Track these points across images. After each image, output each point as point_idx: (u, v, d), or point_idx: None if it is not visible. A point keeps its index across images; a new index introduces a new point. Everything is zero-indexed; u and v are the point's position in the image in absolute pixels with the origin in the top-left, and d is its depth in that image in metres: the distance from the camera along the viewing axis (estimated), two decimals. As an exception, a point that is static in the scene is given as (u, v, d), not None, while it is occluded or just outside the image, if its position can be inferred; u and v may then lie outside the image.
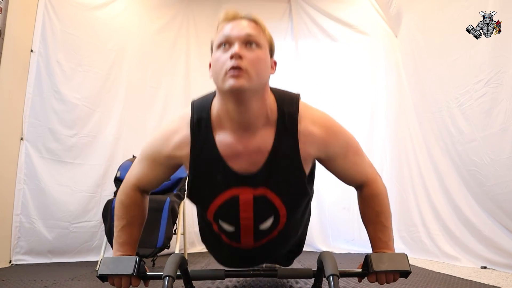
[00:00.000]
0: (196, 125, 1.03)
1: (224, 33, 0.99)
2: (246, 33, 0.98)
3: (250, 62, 0.94)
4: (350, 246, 3.40)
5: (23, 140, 2.81)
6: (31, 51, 2.89)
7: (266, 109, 1.02)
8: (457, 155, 2.54)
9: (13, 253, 2.70)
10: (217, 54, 0.98)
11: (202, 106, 1.07)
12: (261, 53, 0.99)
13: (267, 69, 1.01)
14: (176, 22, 3.93)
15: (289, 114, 1.04)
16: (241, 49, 0.95)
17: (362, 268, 1.04)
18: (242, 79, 0.92)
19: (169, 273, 0.91)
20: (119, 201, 1.14)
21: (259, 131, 1.02)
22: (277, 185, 1.06)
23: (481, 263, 2.29)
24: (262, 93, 1.00)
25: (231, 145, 1.02)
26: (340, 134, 1.11)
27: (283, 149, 1.02)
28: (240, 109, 0.97)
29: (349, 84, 3.79)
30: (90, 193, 3.05)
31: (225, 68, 0.94)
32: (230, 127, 1.01)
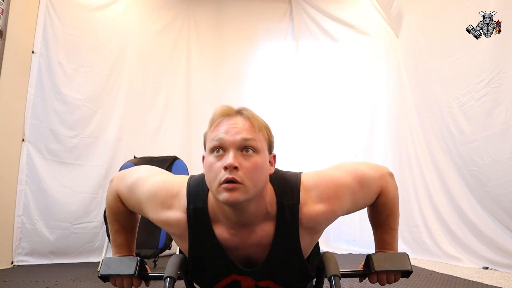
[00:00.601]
0: (193, 214, 0.97)
1: (218, 136, 0.91)
2: (242, 138, 0.90)
3: (246, 172, 0.88)
4: (352, 247, 3.40)
5: (25, 141, 2.81)
6: (33, 52, 2.90)
7: (266, 206, 0.96)
8: (458, 155, 2.54)
9: (15, 254, 2.70)
10: (210, 160, 0.91)
11: (198, 195, 1.00)
12: (258, 158, 0.91)
13: (265, 174, 0.94)
14: (177, 23, 3.94)
15: (289, 206, 0.98)
16: (236, 157, 0.88)
17: (363, 268, 1.04)
18: (237, 193, 0.87)
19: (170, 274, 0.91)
20: (107, 206, 1.11)
21: (258, 226, 0.98)
22: (281, 278, 1.03)
23: (483, 264, 2.28)
24: (260, 196, 0.94)
25: (230, 240, 0.98)
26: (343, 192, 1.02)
27: (284, 243, 0.98)
28: (237, 213, 0.92)
29: (350, 84, 3.79)
30: (92, 194, 3.05)
31: (219, 179, 0.87)
32: (227, 224, 0.97)
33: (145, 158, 2.91)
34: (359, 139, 3.62)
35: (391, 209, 1.10)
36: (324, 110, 3.86)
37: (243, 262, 1.01)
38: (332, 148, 3.67)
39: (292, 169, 1.18)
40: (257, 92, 3.98)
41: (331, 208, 1.00)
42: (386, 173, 1.11)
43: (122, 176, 1.11)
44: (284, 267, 1.02)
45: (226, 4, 4.11)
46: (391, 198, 1.10)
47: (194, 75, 3.91)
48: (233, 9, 4.10)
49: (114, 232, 1.12)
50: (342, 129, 3.75)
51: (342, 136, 3.71)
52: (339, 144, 3.68)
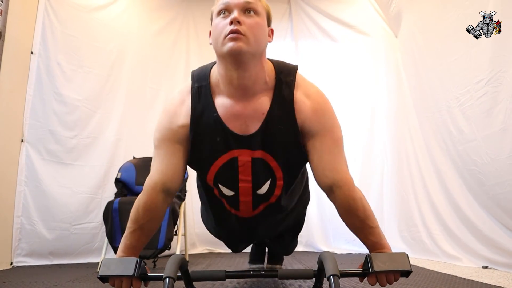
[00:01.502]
0: (196, 92, 1.09)
1: (224, 0, 1.03)
2: (245, 1, 1.02)
3: (249, 27, 1.00)
4: (351, 247, 3.40)
5: (24, 142, 2.81)
6: (31, 52, 2.89)
7: (264, 75, 1.08)
8: (458, 155, 2.54)
9: (14, 255, 2.70)
10: (217, 21, 1.04)
11: (201, 74, 1.12)
12: (259, 19, 1.04)
13: (264, 35, 1.06)
14: (176, 23, 3.94)
15: (286, 82, 1.09)
16: (240, 15, 1.00)
17: (362, 268, 1.04)
18: (240, 42, 0.97)
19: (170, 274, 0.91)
20: (137, 205, 1.12)
21: (256, 96, 1.08)
22: (274, 148, 1.11)
23: (482, 263, 2.29)
24: (260, 58, 1.05)
25: (230, 108, 1.07)
26: (328, 114, 1.14)
27: (279, 113, 1.07)
28: (239, 72, 1.02)
29: (349, 84, 3.79)
30: (91, 194, 3.05)
31: (224, 33, 0.99)
32: (229, 91, 1.07)
33: (145, 158, 2.91)
34: (358, 139, 3.63)
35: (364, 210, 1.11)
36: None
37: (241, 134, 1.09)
38: (331, 148, 3.67)
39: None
40: (256, 92, 3.98)
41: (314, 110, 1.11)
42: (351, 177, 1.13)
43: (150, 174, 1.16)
44: (278, 137, 1.09)
45: (225, 4, 4.11)
46: (358, 196, 1.11)
47: (193, 75, 3.91)
48: (232, 10, 4.10)
49: (130, 232, 1.12)
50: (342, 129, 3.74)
51: (342, 135, 3.71)
52: (338, 144, 3.68)
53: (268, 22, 1.10)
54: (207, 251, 3.57)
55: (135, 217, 1.12)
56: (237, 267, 2.51)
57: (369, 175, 3.50)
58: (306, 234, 3.51)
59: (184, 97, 1.11)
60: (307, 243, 3.54)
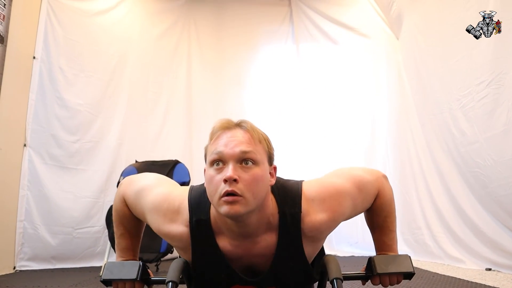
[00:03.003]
0: (196, 226, 0.98)
1: (217, 149, 0.91)
2: (241, 151, 0.90)
3: (246, 185, 0.89)
4: (354, 249, 3.39)
5: (26, 146, 2.82)
6: (34, 57, 2.91)
7: (268, 216, 0.96)
8: (460, 157, 2.53)
9: (17, 259, 2.70)
10: (211, 173, 0.92)
11: (200, 207, 1.00)
12: (258, 170, 0.91)
13: (265, 186, 0.94)
14: (177, 27, 3.95)
15: (291, 215, 0.98)
16: (236, 170, 0.89)
17: (365, 271, 1.04)
18: (237, 206, 0.87)
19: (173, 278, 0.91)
20: (114, 209, 1.13)
21: (261, 237, 0.98)
22: (286, 284, 1.04)
23: (485, 265, 2.27)
24: (262, 207, 0.95)
25: (233, 251, 0.99)
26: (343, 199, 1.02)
27: (287, 252, 0.99)
28: (239, 225, 0.93)
29: (351, 86, 3.79)
30: (93, 198, 3.06)
31: (219, 192, 0.88)
32: (230, 236, 0.98)
33: (147, 162, 2.91)
34: (361, 142, 3.62)
35: (388, 211, 1.10)
36: (325, 112, 3.86)
37: (247, 272, 1.01)
38: (333, 151, 3.67)
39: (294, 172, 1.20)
40: (258, 95, 3.99)
41: (333, 216, 1.00)
42: (381, 176, 1.11)
43: (130, 182, 1.12)
44: (288, 274, 1.02)
45: (226, 8, 4.12)
46: (387, 199, 1.10)
47: (195, 79, 3.92)
48: (233, 13, 4.11)
49: (119, 236, 1.13)
50: (344, 132, 3.75)
51: (344, 138, 3.71)
52: (340, 146, 3.68)
53: (270, 162, 0.98)
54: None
55: (116, 222, 1.12)
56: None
57: (371, 178, 3.49)
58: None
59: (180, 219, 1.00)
60: (309, 246, 3.53)
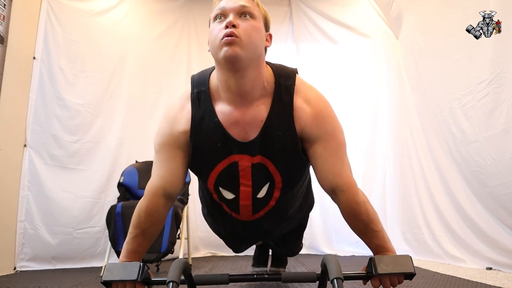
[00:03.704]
0: (196, 97, 1.09)
1: (220, 5, 1.03)
2: (240, 5, 1.02)
3: (244, 30, 0.99)
4: (355, 249, 3.39)
5: (27, 146, 2.82)
6: (34, 58, 2.91)
7: (263, 80, 1.07)
8: (460, 156, 2.54)
9: (17, 260, 2.70)
10: (213, 26, 1.03)
11: (201, 80, 1.11)
12: (255, 22, 1.03)
13: (261, 38, 1.05)
14: (177, 27, 3.95)
15: (286, 87, 1.08)
16: (235, 18, 0.99)
17: (366, 271, 1.04)
18: (236, 47, 0.96)
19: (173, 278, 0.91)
20: (138, 210, 1.13)
21: (255, 101, 1.07)
22: (272, 153, 1.10)
23: (486, 264, 2.28)
24: (258, 63, 1.04)
25: (229, 114, 1.06)
26: (329, 119, 1.12)
27: (278, 119, 1.07)
28: (237, 78, 1.01)
29: (351, 86, 3.79)
30: (94, 198, 3.06)
31: (220, 37, 0.98)
32: (227, 97, 1.06)
33: (147, 162, 2.92)
34: (360, 141, 3.62)
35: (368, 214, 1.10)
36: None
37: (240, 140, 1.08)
38: (333, 150, 3.67)
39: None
40: (258, 95, 3.99)
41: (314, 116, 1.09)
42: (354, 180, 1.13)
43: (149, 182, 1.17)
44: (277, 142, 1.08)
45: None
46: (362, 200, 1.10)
47: (195, 78, 3.92)
48: (233, 13, 4.11)
49: (132, 237, 1.13)
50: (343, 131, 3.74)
51: (344, 138, 3.71)
52: (340, 146, 3.67)
53: (266, 27, 1.10)
54: (210, 255, 3.57)
55: (137, 222, 1.13)
56: (241, 271, 2.51)
57: (371, 177, 3.49)
58: (309, 236, 3.50)
59: (184, 102, 1.11)
60: (310, 246, 3.53)
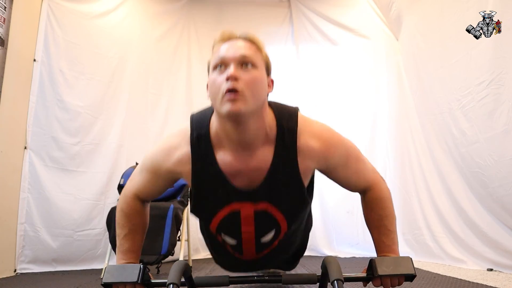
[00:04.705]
0: (196, 142, 1.03)
1: (220, 54, 0.98)
2: (241, 54, 0.96)
3: (246, 84, 0.94)
4: (355, 250, 3.38)
5: (27, 149, 2.82)
6: (34, 60, 2.91)
7: (265, 127, 1.01)
8: (460, 157, 2.53)
9: (17, 262, 2.70)
10: (213, 76, 0.98)
11: (201, 123, 1.06)
12: (257, 73, 0.97)
13: (263, 89, 1.00)
14: (177, 28, 3.96)
15: (288, 129, 1.03)
16: (237, 70, 0.94)
17: (366, 273, 1.04)
18: (238, 103, 0.92)
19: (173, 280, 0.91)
20: (119, 210, 1.15)
21: (258, 149, 1.02)
22: (278, 199, 1.06)
23: (487, 266, 2.27)
24: (260, 113, 0.99)
25: (231, 163, 1.02)
26: (339, 144, 1.10)
27: (282, 165, 1.02)
28: (239, 130, 0.97)
29: (351, 87, 3.79)
30: (94, 200, 3.06)
31: (222, 91, 0.93)
32: (229, 146, 1.01)
33: (147, 164, 2.91)
34: (361, 142, 3.61)
35: (385, 209, 1.11)
36: (325, 113, 3.85)
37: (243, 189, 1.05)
38: (333, 152, 3.66)
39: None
40: (258, 97, 3.99)
41: (325, 150, 1.06)
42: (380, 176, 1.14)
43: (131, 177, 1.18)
44: (282, 188, 1.05)
45: (226, 9, 4.13)
46: (383, 196, 1.11)
47: (195, 80, 3.92)
48: (233, 14, 4.11)
49: (122, 237, 1.14)
50: (343, 132, 3.72)
51: (344, 139, 3.71)
52: (340, 147, 3.67)
53: (267, 72, 1.05)
54: (211, 257, 3.56)
55: (121, 223, 1.14)
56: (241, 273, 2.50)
57: (372, 178, 3.49)
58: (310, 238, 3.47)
59: (181, 142, 1.07)
60: (310, 248, 3.53)
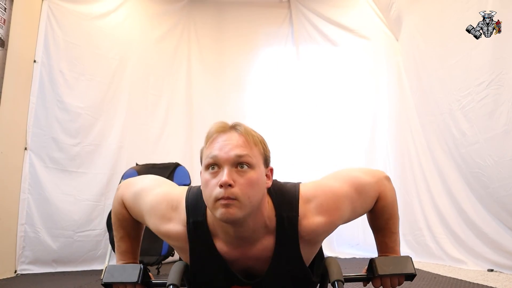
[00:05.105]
0: (193, 228, 0.98)
1: (212, 153, 0.91)
2: (236, 155, 0.90)
3: (241, 188, 0.88)
4: (355, 251, 3.38)
5: (27, 149, 2.82)
6: (34, 61, 2.92)
7: (264, 219, 0.96)
8: (460, 158, 2.53)
9: (18, 263, 2.70)
10: (206, 177, 0.92)
11: (197, 209, 0.99)
12: (253, 174, 0.91)
13: (261, 189, 0.94)
14: (177, 29, 3.96)
15: (288, 218, 0.98)
16: (231, 174, 0.88)
17: (366, 273, 1.04)
18: (233, 209, 0.87)
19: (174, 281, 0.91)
20: (113, 212, 1.13)
21: (258, 241, 0.97)
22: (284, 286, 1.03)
23: (487, 266, 2.27)
24: (258, 210, 0.94)
25: (231, 254, 0.98)
26: (341, 203, 1.02)
27: (285, 255, 0.99)
28: (235, 229, 0.93)
29: (351, 88, 3.79)
30: (94, 201, 3.06)
31: (215, 196, 0.88)
32: (227, 240, 0.97)
33: (147, 165, 2.92)
34: (361, 143, 3.62)
35: (390, 213, 1.10)
36: (326, 114, 3.86)
37: (244, 274, 1.01)
38: (333, 152, 3.67)
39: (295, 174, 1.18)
40: (258, 97, 3.99)
41: (331, 220, 1.00)
42: (383, 177, 1.10)
43: (128, 184, 1.12)
44: (286, 277, 1.02)
45: (226, 10, 4.13)
46: (389, 202, 1.09)
47: (195, 81, 3.92)
48: (233, 15, 4.12)
49: (119, 239, 1.13)
50: (344, 133, 3.75)
51: (344, 140, 3.71)
52: (340, 148, 3.68)
53: (265, 164, 0.97)
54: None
55: (117, 224, 1.12)
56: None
57: (372, 179, 3.49)
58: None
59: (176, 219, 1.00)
60: (310, 248, 3.52)
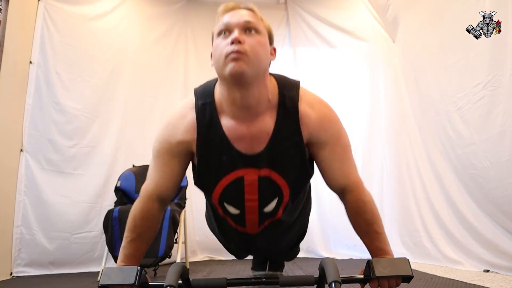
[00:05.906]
0: (201, 109, 1.08)
1: (224, 21, 1.03)
2: (245, 20, 1.01)
3: (250, 46, 0.97)
4: (352, 252, 3.39)
5: (23, 151, 2.81)
6: (30, 62, 2.90)
7: (268, 93, 1.06)
8: (457, 159, 2.54)
9: (14, 265, 2.68)
10: (217, 41, 1.02)
11: (205, 92, 1.11)
12: (260, 38, 1.02)
13: (266, 53, 1.04)
14: (174, 31, 3.95)
15: (290, 97, 1.07)
16: (241, 34, 0.98)
17: (364, 274, 1.04)
18: (242, 63, 0.95)
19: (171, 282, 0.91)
20: (133, 214, 1.13)
21: (261, 115, 1.06)
22: (280, 165, 1.09)
23: (483, 267, 2.28)
24: (263, 78, 1.03)
25: (235, 128, 1.05)
26: (334, 123, 1.13)
27: (285, 130, 1.06)
28: (242, 93, 1.00)
29: (348, 90, 3.80)
30: (91, 203, 3.04)
31: (226, 53, 0.96)
32: (232, 112, 1.05)
33: (144, 166, 2.91)
34: (358, 144, 3.62)
35: (371, 213, 1.12)
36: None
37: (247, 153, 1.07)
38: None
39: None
40: (255, 99, 3.99)
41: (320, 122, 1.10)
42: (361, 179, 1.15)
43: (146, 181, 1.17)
44: (284, 154, 1.08)
45: (223, 12, 4.13)
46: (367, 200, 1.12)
47: (192, 82, 3.90)
48: (230, 17, 4.12)
49: (128, 241, 1.13)
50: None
51: (341, 141, 3.71)
52: (337, 149, 3.68)
53: (270, 41, 1.09)
54: (208, 259, 3.56)
55: (132, 226, 1.13)
56: (238, 275, 2.50)
57: (368, 180, 3.49)
58: (307, 240, 3.49)
59: (187, 111, 1.10)
60: (308, 249, 3.53)
